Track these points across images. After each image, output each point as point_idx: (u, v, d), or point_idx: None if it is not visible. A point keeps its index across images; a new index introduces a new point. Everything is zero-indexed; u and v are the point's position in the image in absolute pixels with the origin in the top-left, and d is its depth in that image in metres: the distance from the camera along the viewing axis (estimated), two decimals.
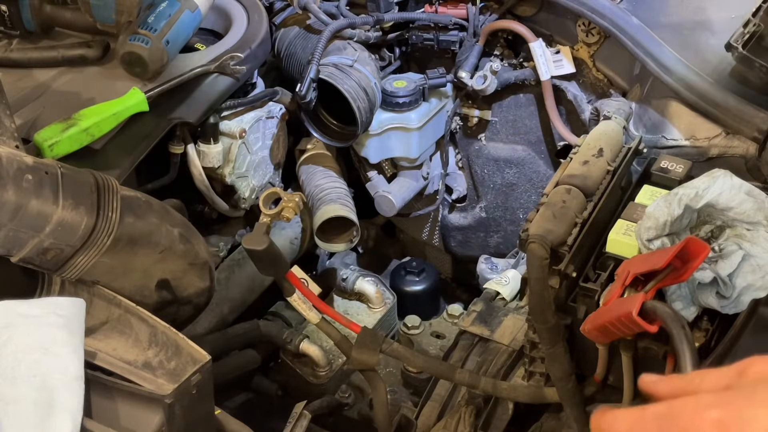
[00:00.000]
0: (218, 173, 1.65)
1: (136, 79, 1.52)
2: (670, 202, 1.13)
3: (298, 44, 1.84)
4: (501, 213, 2.04)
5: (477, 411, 1.39)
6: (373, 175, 1.95)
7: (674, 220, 1.12)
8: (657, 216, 1.12)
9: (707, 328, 1.13)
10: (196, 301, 1.37)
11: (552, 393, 1.27)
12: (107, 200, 1.18)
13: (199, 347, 1.13)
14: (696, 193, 1.12)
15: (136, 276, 1.25)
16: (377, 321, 1.84)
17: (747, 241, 1.12)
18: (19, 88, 1.52)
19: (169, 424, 1.09)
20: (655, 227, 1.12)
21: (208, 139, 1.61)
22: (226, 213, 1.73)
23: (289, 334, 1.72)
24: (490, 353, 1.46)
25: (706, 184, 1.13)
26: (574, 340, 1.22)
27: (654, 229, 1.13)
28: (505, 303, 1.58)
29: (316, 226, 1.79)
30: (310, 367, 1.74)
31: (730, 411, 0.65)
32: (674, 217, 1.12)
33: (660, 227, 1.12)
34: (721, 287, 1.10)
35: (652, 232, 1.13)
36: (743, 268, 1.10)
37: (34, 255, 1.14)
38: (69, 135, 1.38)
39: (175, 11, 1.55)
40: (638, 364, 1.16)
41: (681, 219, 1.13)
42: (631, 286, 1.07)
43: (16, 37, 1.61)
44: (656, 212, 1.13)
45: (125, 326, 1.19)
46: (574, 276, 1.20)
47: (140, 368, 1.14)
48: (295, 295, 1.34)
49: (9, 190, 1.09)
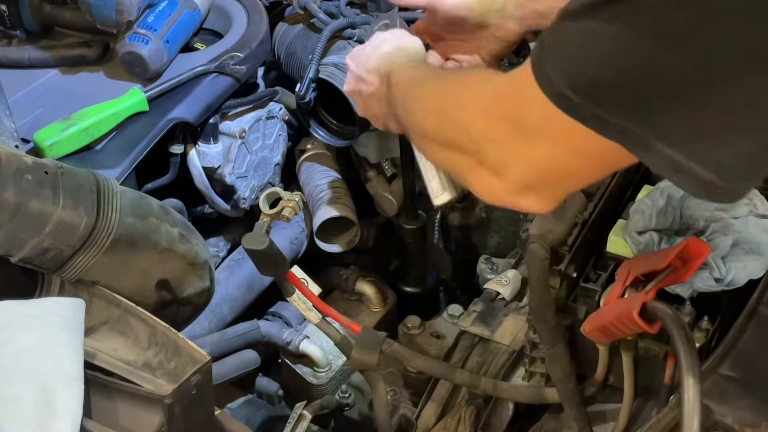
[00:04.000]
0: (218, 173, 1.65)
1: (136, 79, 1.52)
2: (653, 194, 1.17)
3: (298, 44, 1.84)
4: (501, 213, 2.03)
5: (477, 411, 1.39)
6: (373, 175, 1.95)
7: (659, 211, 1.14)
8: (642, 209, 1.16)
9: (707, 328, 1.13)
10: (196, 301, 1.37)
11: (552, 393, 1.27)
12: (107, 200, 1.18)
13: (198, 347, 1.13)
14: None
15: (136, 276, 1.25)
16: (377, 321, 1.84)
17: (735, 231, 1.12)
18: (19, 88, 1.52)
19: (168, 425, 1.09)
20: (642, 219, 1.14)
21: (208, 139, 1.61)
22: (226, 213, 1.72)
23: (289, 334, 1.72)
24: (491, 353, 1.46)
25: None
26: (575, 340, 1.22)
27: (642, 221, 1.15)
28: (506, 303, 1.58)
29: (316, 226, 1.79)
30: (310, 367, 1.74)
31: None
32: (659, 207, 1.14)
33: (647, 219, 1.15)
34: (715, 271, 1.10)
35: (640, 224, 1.15)
36: (736, 254, 1.11)
37: (34, 255, 1.14)
38: (69, 135, 1.38)
39: (175, 11, 1.55)
40: (639, 364, 1.16)
41: (665, 212, 1.15)
42: (631, 287, 1.07)
43: (15, 37, 1.61)
44: (641, 206, 1.17)
45: (125, 326, 1.18)
46: (574, 276, 1.20)
47: (140, 368, 1.14)
48: (295, 295, 1.34)
49: (9, 190, 1.09)
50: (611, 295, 1.11)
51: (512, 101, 0.82)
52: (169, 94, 1.52)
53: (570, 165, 0.80)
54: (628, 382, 1.17)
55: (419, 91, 1.07)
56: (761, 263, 1.11)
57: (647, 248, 1.15)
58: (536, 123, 0.78)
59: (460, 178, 0.94)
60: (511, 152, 0.83)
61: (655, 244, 1.15)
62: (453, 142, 0.91)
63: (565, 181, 0.84)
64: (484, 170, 0.86)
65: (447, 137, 0.93)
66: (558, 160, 0.80)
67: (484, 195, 0.89)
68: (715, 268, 1.10)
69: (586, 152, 0.78)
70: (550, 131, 0.78)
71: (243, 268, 1.75)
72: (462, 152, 0.89)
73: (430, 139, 1.00)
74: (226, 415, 1.33)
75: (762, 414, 1.04)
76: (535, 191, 0.85)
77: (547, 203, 0.87)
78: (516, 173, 0.83)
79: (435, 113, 0.98)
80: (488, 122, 0.85)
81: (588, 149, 0.77)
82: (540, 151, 0.80)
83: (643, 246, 1.15)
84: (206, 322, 1.65)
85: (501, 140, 0.83)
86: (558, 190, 0.86)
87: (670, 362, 1.11)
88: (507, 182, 0.84)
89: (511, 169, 0.83)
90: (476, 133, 0.86)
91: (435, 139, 0.98)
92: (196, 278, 1.33)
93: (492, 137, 0.84)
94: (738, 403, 1.05)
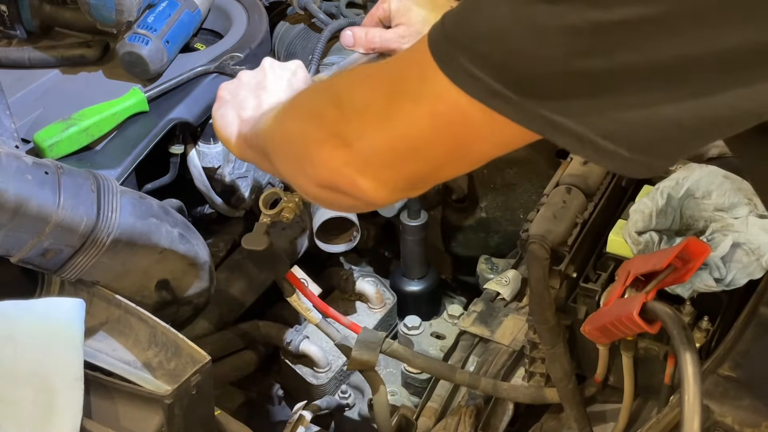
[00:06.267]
0: (218, 173, 1.65)
1: (136, 79, 1.52)
2: (653, 194, 1.17)
3: (298, 44, 1.84)
4: (501, 213, 2.03)
5: (477, 411, 1.39)
6: None
7: (659, 211, 1.14)
8: (642, 209, 1.16)
9: (707, 328, 1.13)
10: (196, 301, 1.37)
11: (552, 393, 1.27)
12: (107, 200, 1.18)
13: (198, 348, 1.13)
14: (676, 182, 1.17)
15: (136, 276, 1.25)
16: (377, 321, 1.84)
17: (735, 231, 1.13)
18: (19, 88, 1.52)
19: (168, 425, 1.09)
20: (642, 219, 1.15)
21: (208, 139, 1.61)
22: (226, 213, 1.72)
23: (289, 335, 1.72)
24: (491, 354, 1.46)
25: (684, 174, 1.18)
26: (575, 340, 1.22)
27: (641, 222, 1.15)
28: (506, 303, 1.58)
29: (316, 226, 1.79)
30: (310, 368, 1.74)
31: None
32: (659, 207, 1.15)
33: (647, 219, 1.15)
34: (715, 271, 1.10)
35: (640, 225, 1.15)
36: (736, 254, 1.11)
37: (34, 255, 1.14)
38: (69, 135, 1.38)
39: (175, 11, 1.55)
40: (639, 364, 1.16)
41: (665, 212, 1.15)
42: (631, 287, 1.07)
43: (15, 37, 1.61)
44: (641, 206, 1.17)
45: (125, 326, 1.19)
46: (574, 276, 1.20)
47: (140, 369, 1.14)
48: (295, 295, 1.34)
49: (9, 190, 1.09)
50: (611, 295, 1.11)
51: (397, 66, 0.77)
52: (169, 94, 1.52)
53: (426, 136, 0.73)
54: (628, 382, 1.17)
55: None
56: (761, 263, 1.11)
57: (647, 248, 1.15)
58: (411, 84, 0.72)
59: (300, 153, 0.85)
60: (372, 117, 0.76)
61: (655, 244, 1.15)
62: (314, 111, 0.84)
63: (413, 159, 0.76)
64: (332, 141, 0.79)
65: (310, 106, 0.87)
66: (416, 126, 0.72)
67: (323, 168, 0.80)
68: (715, 268, 1.10)
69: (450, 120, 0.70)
70: (420, 91, 0.71)
71: (243, 268, 1.75)
72: (319, 122, 0.82)
73: (289, 110, 0.92)
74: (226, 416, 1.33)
75: (762, 414, 1.04)
76: (374, 168, 0.77)
77: (384, 190, 0.79)
78: (366, 141, 0.76)
79: (308, 94, 0.93)
80: (363, 87, 0.79)
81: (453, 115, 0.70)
82: (401, 114, 0.73)
83: (643, 246, 1.16)
84: (206, 322, 1.65)
85: (367, 105, 0.76)
86: (403, 172, 0.77)
87: (670, 362, 1.11)
88: (352, 153, 0.77)
89: (364, 135, 0.76)
90: (345, 99, 0.79)
91: (295, 109, 0.91)
92: (196, 278, 1.33)
93: (360, 102, 0.77)
94: (738, 403, 1.06)
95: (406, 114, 0.73)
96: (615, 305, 1.07)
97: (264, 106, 1.13)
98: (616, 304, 1.07)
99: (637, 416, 1.21)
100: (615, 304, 1.07)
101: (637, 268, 1.07)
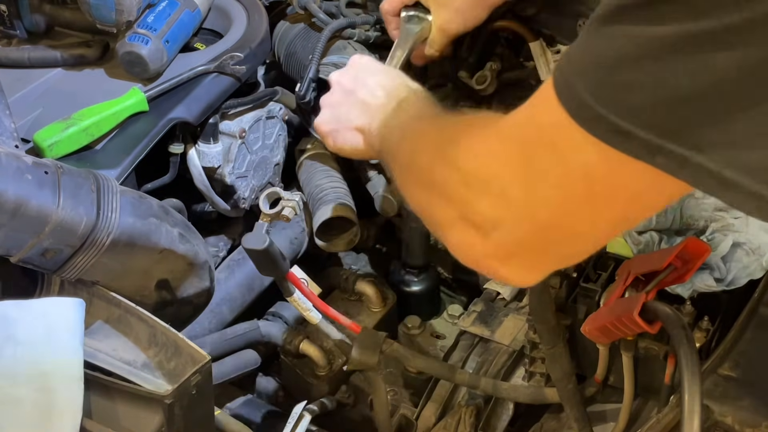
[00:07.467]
0: (218, 173, 1.65)
1: (135, 78, 1.52)
2: None
3: (298, 44, 1.83)
4: None
5: (477, 411, 1.39)
6: (373, 175, 1.94)
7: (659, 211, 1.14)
8: None
9: (707, 328, 1.13)
10: (196, 301, 1.37)
11: (552, 393, 1.27)
12: (107, 200, 1.18)
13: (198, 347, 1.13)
14: None
15: (136, 276, 1.25)
16: (377, 321, 1.84)
17: (735, 231, 1.13)
18: (19, 87, 1.52)
19: (168, 425, 1.09)
20: None
21: (208, 139, 1.61)
22: (226, 213, 1.72)
23: (289, 335, 1.72)
24: (491, 353, 1.46)
25: None
26: (575, 340, 1.22)
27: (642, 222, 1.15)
28: (506, 303, 1.58)
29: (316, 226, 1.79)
30: (310, 367, 1.74)
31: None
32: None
33: (647, 219, 1.15)
34: (715, 271, 1.10)
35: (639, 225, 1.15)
36: (736, 254, 1.11)
37: (34, 255, 1.14)
38: (69, 135, 1.38)
39: (175, 11, 1.55)
40: (639, 364, 1.16)
41: (665, 212, 1.15)
42: (631, 287, 1.08)
43: (15, 37, 1.61)
44: None
45: (125, 326, 1.19)
46: (574, 276, 1.20)
47: (140, 368, 1.14)
48: (295, 295, 1.34)
49: (9, 190, 1.09)
50: (611, 295, 1.11)
51: (523, 129, 0.71)
52: (169, 94, 1.52)
53: (575, 212, 0.68)
54: (628, 382, 1.17)
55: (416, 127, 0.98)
56: (761, 263, 1.11)
57: (647, 248, 1.15)
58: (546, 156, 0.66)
59: (436, 232, 0.82)
60: (507, 203, 0.70)
61: (655, 244, 1.15)
62: (440, 186, 0.80)
63: (562, 241, 0.71)
64: (466, 226, 0.75)
65: (435, 178, 0.81)
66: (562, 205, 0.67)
67: (461, 255, 0.77)
68: (715, 268, 1.10)
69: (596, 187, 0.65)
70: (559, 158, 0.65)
71: (243, 268, 1.74)
72: (447, 200, 0.78)
73: (415, 178, 0.88)
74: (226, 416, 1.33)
75: (762, 414, 1.04)
76: (520, 257, 0.73)
77: (529, 273, 0.75)
78: (505, 231, 0.71)
79: (429, 150, 0.85)
80: (488, 164, 0.73)
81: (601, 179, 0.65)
82: (543, 195, 0.67)
83: (643, 246, 1.16)
84: (206, 322, 1.64)
85: (500, 187, 0.71)
86: (549, 254, 0.74)
87: (670, 362, 1.11)
88: (491, 243, 0.73)
89: (501, 225, 0.71)
90: (471, 177, 0.74)
91: (420, 178, 0.86)
92: (196, 278, 1.33)
93: (488, 181, 0.73)
94: (738, 403, 1.06)
95: (548, 195, 0.67)
96: (615, 305, 1.07)
97: (368, 101, 1.24)
98: (616, 304, 1.07)
99: (637, 416, 1.21)
100: (615, 304, 1.08)
101: (637, 268, 1.07)
